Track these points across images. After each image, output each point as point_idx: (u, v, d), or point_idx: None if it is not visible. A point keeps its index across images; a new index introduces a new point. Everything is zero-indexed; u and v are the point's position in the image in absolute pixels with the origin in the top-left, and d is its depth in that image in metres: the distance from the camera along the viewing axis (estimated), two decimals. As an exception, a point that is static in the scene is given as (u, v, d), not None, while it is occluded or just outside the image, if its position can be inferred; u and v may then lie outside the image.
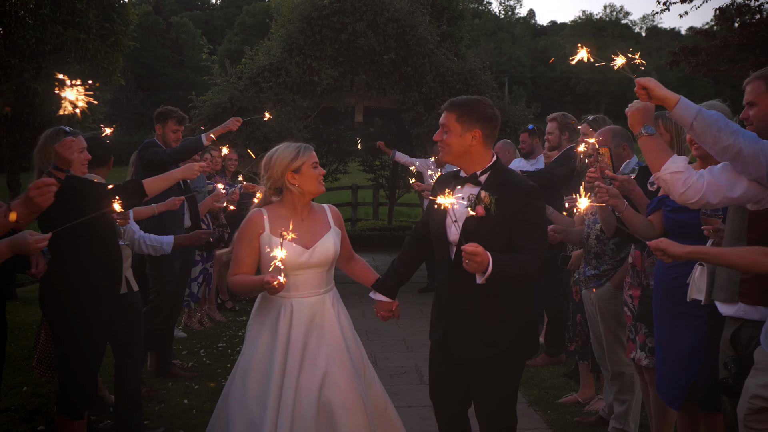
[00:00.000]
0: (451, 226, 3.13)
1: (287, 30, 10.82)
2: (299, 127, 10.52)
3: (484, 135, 3.19)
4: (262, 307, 3.45)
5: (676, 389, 3.50)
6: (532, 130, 7.00)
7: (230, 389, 3.39)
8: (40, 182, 2.72)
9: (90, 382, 4.07)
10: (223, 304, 8.72)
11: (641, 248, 4.06)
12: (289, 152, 3.38)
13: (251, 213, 3.44)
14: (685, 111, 2.92)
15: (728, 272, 2.98)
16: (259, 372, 3.30)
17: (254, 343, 3.37)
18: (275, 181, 3.40)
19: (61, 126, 4.11)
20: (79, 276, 3.96)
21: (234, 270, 3.39)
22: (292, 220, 3.33)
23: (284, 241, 3.14)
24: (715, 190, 2.88)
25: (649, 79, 2.97)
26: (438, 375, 3.42)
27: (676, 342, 3.51)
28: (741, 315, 2.94)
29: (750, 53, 11.33)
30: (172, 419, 5.02)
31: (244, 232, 3.40)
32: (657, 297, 3.64)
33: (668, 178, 2.97)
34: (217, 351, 6.84)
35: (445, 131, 3.22)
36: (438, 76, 10.56)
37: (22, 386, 5.57)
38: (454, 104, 3.23)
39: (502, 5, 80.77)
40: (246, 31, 49.87)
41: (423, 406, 5.16)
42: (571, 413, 5.10)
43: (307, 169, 3.39)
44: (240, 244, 3.40)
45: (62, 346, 4.06)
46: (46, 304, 4.05)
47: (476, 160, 3.23)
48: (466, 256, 2.79)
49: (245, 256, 3.38)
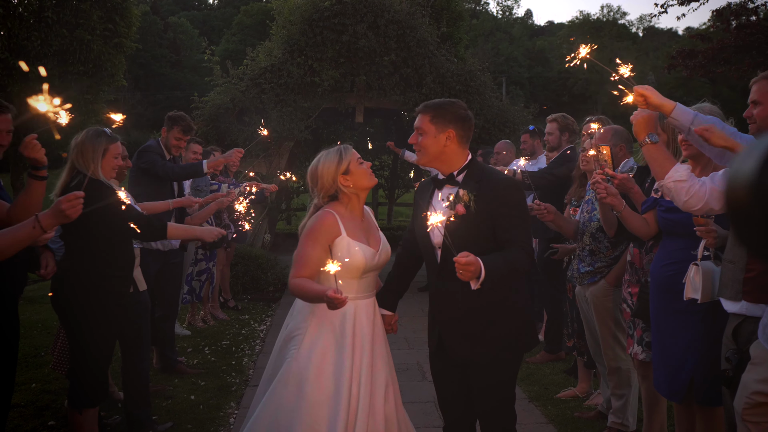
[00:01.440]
0: (434, 228, 3.18)
1: (288, 31, 10.90)
2: (300, 127, 10.61)
3: (458, 135, 3.23)
4: (318, 310, 3.28)
5: (675, 384, 3.59)
6: (533, 131, 7.07)
7: (281, 396, 3.18)
8: (72, 195, 2.83)
9: (100, 378, 4.15)
10: (225, 303, 8.80)
11: (639, 246, 4.15)
12: (333, 158, 3.35)
13: (322, 214, 3.31)
14: (682, 117, 3.06)
15: (732, 271, 3.07)
16: (322, 377, 3.18)
17: (313, 347, 3.23)
18: (328, 189, 3.36)
19: (105, 129, 4.14)
20: (92, 275, 4.03)
21: (299, 271, 3.21)
22: (357, 223, 3.35)
23: (359, 246, 3.20)
24: (718, 198, 2.99)
25: (646, 87, 3.09)
26: (440, 379, 3.45)
27: (673, 338, 3.60)
28: (744, 312, 3.03)
29: (746, 55, 11.40)
30: (179, 415, 5.11)
31: (317, 234, 3.27)
32: (653, 294, 3.73)
33: (672, 187, 3.08)
34: (221, 349, 6.93)
35: (420, 134, 3.26)
36: (438, 77, 10.66)
37: (31, 383, 5.65)
38: (427, 106, 3.28)
39: (500, 5, 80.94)
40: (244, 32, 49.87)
41: (425, 402, 5.25)
42: (571, 408, 5.19)
43: (355, 166, 3.36)
44: (311, 245, 3.25)
45: (74, 343, 4.14)
46: (59, 302, 4.11)
47: (452, 161, 3.27)
48: (460, 267, 2.82)
49: (315, 258, 3.22)
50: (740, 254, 3.07)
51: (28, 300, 8.93)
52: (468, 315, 3.19)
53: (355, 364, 3.21)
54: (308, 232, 3.29)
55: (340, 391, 3.14)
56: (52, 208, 2.85)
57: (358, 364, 3.22)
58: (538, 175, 6.00)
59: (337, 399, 3.13)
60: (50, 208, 2.88)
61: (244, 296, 9.58)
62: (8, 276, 3.58)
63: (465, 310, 3.18)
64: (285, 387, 3.18)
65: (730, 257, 3.14)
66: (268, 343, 7.21)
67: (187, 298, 7.52)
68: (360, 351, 3.24)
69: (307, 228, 3.31)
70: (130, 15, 11.33)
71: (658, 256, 3.74)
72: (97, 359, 4.11)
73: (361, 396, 3.18)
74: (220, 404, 5.35)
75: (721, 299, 3.17)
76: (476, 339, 3.19)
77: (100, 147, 4.03)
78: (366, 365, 3.24)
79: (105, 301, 4.07)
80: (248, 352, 6.87)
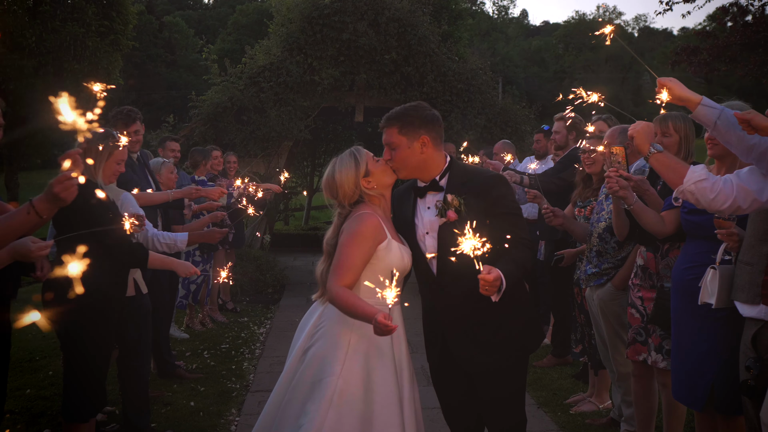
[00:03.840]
0: (425, 238, 3.05)
1: (287, 29, 10.79)
2: (300, 127, 10.48)
3: (432, 138, 3.09)
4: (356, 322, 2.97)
5: (696, 391, 3.46)
6: (548, 131, 6.85)
7: (324, 419, 2.88)
8: (63, 177, 2.65)
9: (96, 388, 4.00)
10: (224, 305, 8.66)
11: (654, 251, 4.03)
12: (349, 163, 3.12)
13: (364, 216, 3.04)
14: (709, 111, 2.92)
15: (750, 273, 2.96)
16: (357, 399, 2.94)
17: (353, 363, 2.97)
18: (351, 196, 3.12)
19: (113, 131, 3.93)
20: (86, 280, 3.88)
21: (343, 279, 2.94)
22: (391, 224, 3.16)
23: (401, 249, 3.06)
24: (745, 196, 2.86)
25: (671, 79, 2.96)
26: (446, 388, 3.33)
27: (693, 344, 3.48)
28: (763, 317, 2.92)
29: (752, 53, 11.32)
30: (179, 422, 4.97)
31: (364, 236, 2.99)
32: (674, 298, 3.61)
33: (694, 189, 2.93)
34: (220, 352, 6.79)
35: (392, 149, 3.09)
36: (439, 75, 10.54)
37: (26, 388, 5.51)
38: (390, 118, 3.10)
39: (496, 5, 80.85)
40: (239, 31, 49.61)
41: (432, 408, 5.11)
42: (582, 415, 5.06)
43: (374, 166, 3.13)
44: (357, 249, 2.98)
45: (67, 352, 3.98)
46: (51, 308, 3.94)
47: (432, 167, 3.13)
48: (486, 284, 2.71)
49: (360, 264, 2.98)
50: (759, 255, 2.95)
51: (24, 302, 8.75)
52: (474, 320, 3.07)
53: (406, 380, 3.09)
54: (352, 235, 3.00)
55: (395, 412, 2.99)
56: (45, 192, 2.67)
57: (401, 370, 3.09)
58: (546, 180, 5.87)
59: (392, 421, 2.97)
60: (44, 191, 2.70)
61: (243, 298, 9.45)
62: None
63: (471, 316, 3.07)
64: (328, 408, 2.90)
65: (747, 259, 3.02)
66: (268, 347, 7.08)
67: (183, 302, 7.40)
68: (406, 363, 3.12)
69: (350, 231, 3.02)
70: (127, 12, 11.15)
71: (679, 259, 3.62)
72: (92, 369, 3.95)
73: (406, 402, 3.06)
74: (220, 411, 5.21)
75: (737, 303, 3.06)
76: (485, 344, 3.09)
77: (105, 149, 3.85)
78: (411, 379, 3.13)
79: (101, 307, 3.91)
80: (248, 356, 6.73)
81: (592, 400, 5.20)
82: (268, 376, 6.07)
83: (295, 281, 10.52)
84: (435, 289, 3.15)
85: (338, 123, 14.67)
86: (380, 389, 2.97)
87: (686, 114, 4.01)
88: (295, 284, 10.40)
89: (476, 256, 2.64)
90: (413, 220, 3.16)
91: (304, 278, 10.88)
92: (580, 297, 5.11)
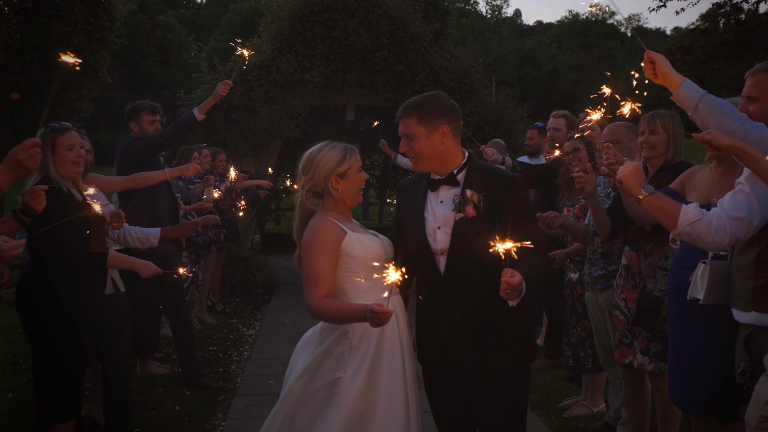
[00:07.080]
0: (436, 233, 2.93)
1: (278, 27, 10.67)
2: (290, 126, 10.36)
3: (452, 129, 2.97)
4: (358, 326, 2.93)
5: (693, 397, 3.37)
6: (542, 128, 6.74)
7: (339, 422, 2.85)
8: (29, 143, 2.53)
9: (72, 390, 3.87)
10: (213, 306, 8.54)
11: (637, 249, 3.94)
12: (335, 153, 3.03)
13: (318, 223, 2.99)
14: (690, 92, 2.92)
15: (741, 280, 2.90)
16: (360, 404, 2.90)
17: (363, 364, 2.92)
18: (316, 184, 3.03)
19: (50, 124, 3.83)
20: (60, 278, 3.77)
21: (318, 290, 2.88)
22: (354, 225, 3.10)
23: (370, 237, 3.01)
24: (739, 225, 2.76)
25: (659, 55, 2.93)
26: (442, 399, 3.18)
27: (691, 347, 3.38)
28: (754, 322, 2.86)
29: (746, 51, 11.30)
30: (163, 427, 4.84)
31: (321, 243, 2.93)
32: (672, 300, 3.51)
33: (690, 230, 2.80)
34: (208, 355, 6.67)
35: (410, 139, 2.98)
36: (431, 74, 10.44)
37: (7, 392, 5.38)
38: (409, 108, 2.98)
39: (489, 5, 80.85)
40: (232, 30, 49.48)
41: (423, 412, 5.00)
42: (576, 419, 4.96)
43: (353, 174, 3.05)
44: (319, 258, 2.91)
45: (41, 351, 3.83)
46: (23, 309, 3.84)
47: (451, 159, 3.01)
48: (508, 287, 2.63)
49: (327, 269, 2.91)
50: (747, 261, 2.88)
51: (8, 303, 8.61)
52: (479, 322, 2.93)
53: (408, 372, 3.02)
54: (311, 246, 2.95)
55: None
56: (6, 161, 2.53)
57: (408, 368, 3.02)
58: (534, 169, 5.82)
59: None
60: (4, 161, 2.56)
61: (232, 299, 9.33)
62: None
63: (476, 317, 2.92)
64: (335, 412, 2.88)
65: (737, 264, 2.96)
66: (256, 349, 6.97)
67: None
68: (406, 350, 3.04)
69: (308, 242, 2.97)
70: (114, 9, 11.00)
71: (677, 259, 3.52)
72: (67, 370, 3.82)
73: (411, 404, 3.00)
74: (206, 415, 5.08)
75: (733, 310, 2.99)
76: (489, 347, 2.94)
77: (47, 143, 3.70)
78: (410, 368, 3.04)
79: (76, 305, 3.81)
80: (236, 359, 6.61)
81: (585, 403, 5.10)
82: (256, 379, 5.96)
83: (286, 282, 10.37)
84: (439, 287, 3.00)
85: (329, 122, 14.55)
86: (387, 388, 2.92)
87: (675, 112, 3.94)
88: (286, 285, 10.26)
89: (506, 256, 2.57)
90: (422, 213, 3.02)
91: (295, 279, 10.68)
92: (571, 299, 5.03)
